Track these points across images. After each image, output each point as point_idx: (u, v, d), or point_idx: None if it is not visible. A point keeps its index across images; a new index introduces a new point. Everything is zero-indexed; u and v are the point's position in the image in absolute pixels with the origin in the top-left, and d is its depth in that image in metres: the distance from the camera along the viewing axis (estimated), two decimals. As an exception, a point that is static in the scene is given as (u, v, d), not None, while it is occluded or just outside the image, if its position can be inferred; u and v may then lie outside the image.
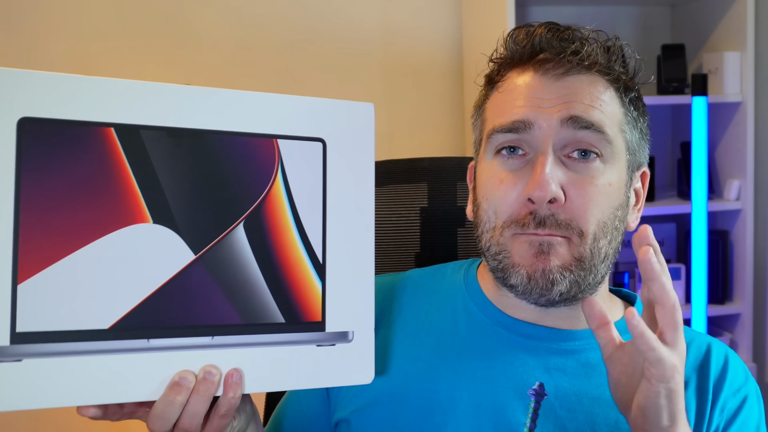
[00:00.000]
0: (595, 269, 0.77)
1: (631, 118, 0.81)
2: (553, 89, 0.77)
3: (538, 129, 0.77)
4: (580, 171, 0.76)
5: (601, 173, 0.77)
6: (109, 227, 0.66)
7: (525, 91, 0.79)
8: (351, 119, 0.75)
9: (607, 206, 0.77)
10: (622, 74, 0.80)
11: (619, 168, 0.79)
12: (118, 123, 0.66)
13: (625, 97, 0.81)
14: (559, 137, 0.76)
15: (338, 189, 0.74)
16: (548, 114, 0.76)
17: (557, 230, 0.75)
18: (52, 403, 0.64)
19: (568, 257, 0.76)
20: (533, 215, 0.75)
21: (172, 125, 0.68)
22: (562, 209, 0.75)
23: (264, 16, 2.21)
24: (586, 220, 0.76)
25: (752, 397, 0.83)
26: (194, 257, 0.68)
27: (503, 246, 0.78)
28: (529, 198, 0.75)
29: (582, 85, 0.78)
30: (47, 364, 0.64)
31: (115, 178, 0.66)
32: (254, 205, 0.71)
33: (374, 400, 0.81)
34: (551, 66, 0.78)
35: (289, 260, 0.72)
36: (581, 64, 0.78)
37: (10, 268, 0.63)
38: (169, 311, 0.67)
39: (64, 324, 0.64)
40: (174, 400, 0.66)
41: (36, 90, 0.64)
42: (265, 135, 0.72)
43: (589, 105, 0.77)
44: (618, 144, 0.79)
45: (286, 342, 0.72)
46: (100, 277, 0.65)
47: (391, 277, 0.92)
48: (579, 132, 0.76)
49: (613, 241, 0.78)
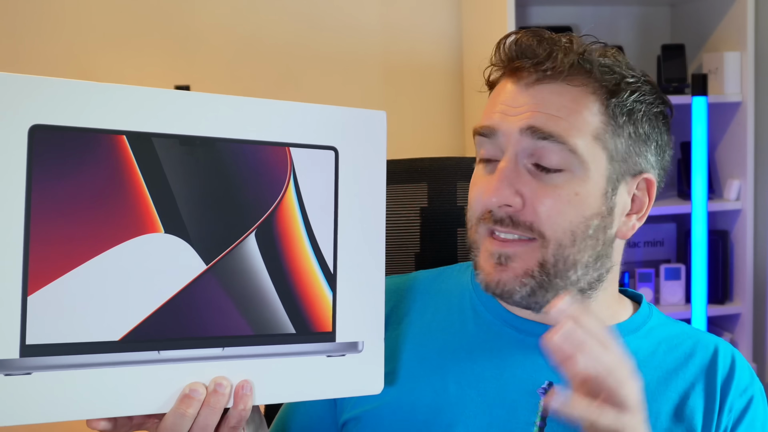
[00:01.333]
0: (566, 276, 0.77)
1: (615, 126, 0.78)
2: (522, 97, 0.78)
3: (501, 135, 0.78)
4: (545, 180, 0.76)
5: (566, 183, 0.76)
6: (120, 237, 0.65)
7: (500, 98, 0.80)
8: (363, 127, 0.75)
9: (575, 215, 0.76)
10: (606, 81, 0.78)
11: (594, 178, 0.77)
12: (130, 131, 0.65)
13: (609, 103, 0.78)
14: (521, 146, 0.77)
15: (350, 198, 0.74)
16: (510, 122, 0.77)
17: (516, 230, 0.76)
18: (61, 417, 0.63)
19: (530, 263, 0.76)
20: (491, 213, 0.77)
21: (184, 133, 0.67)
22: (520, 213, 0.76)
23: (264, 16, 2.21)
24: (549, 225, 0.76)
25: (758, 397, 0.83)
26: (205, 267, 0.68)
27: (476, 243, 0.80)
28: (484, 201, 0.77)
29: (550, 94, 0.77)
30: (57, 377, 0.63)
31: (127, 187, 0.65)
32: (266, 214, 0.70)
33: (383, 401, 0.80)
34: (524, 74, 0.78)
35: (300, 270, 0.71)
36: (552, 73, 0.77)
37: (20, 279, 0.61)
38: (179, 322, 0.66)
39: (74, 336, 0.63)
40: (185, 412, 0.66)
41: (47, 96, 0.63)
42: (277, 143, 0.71)
43: (554, 115, 0.76)
44: (590, 153, 0.76)
45: (296, 353, 0.71)
46: (111, 287, 0.64)
47: (398, 278, 0.92)
48: (539, 142, 0.76)
49: (588, 249, 0.77)
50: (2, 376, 0.61)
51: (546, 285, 0.77)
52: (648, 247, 2.34)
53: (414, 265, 1.08)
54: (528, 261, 0.76)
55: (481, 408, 0.78)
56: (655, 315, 0.87)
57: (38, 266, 0.62)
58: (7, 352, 0.61)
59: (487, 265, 0.78)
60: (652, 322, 0.85)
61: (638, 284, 2.19)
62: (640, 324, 0.84)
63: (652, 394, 0.79)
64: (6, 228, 0.61)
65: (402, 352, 0.84)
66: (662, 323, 0.86)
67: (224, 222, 0.68)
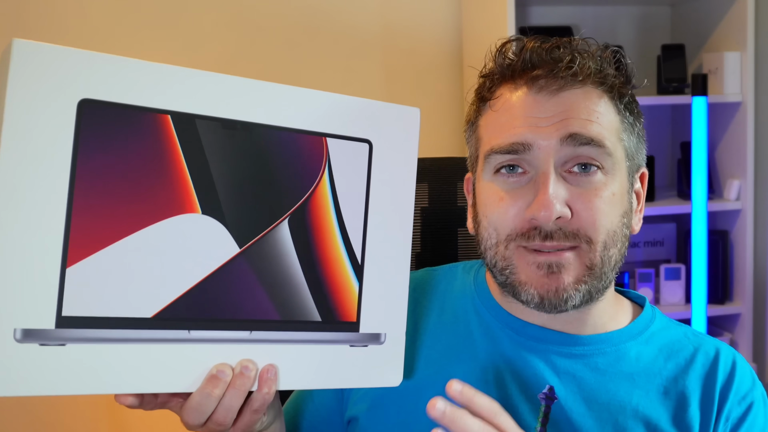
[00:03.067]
0: (605, 276, 0.77)
1: (628, 124, 0.80)
2: (549, 106, 0.76)
3: (537, 149, 0.76)
4: (583, 185, 0.76)
5: (604, 185, 0.76)
6: (159, 215, 0.65)
7: (521, 110, 0.77)
8: (398, 122, 0.76)
9: (614, 215, 0.77)
10: (615, 82, 0.79)
11: (621, 176, 0.78)
12: (175, 111, 0.66)
13: (620, 104, 0.80)
14: (559, 155, 0.76)
15: (381, 191, 0.75)
16: (547, 133, 0.76)
17: (565, 240, 0.75)
18: (92, 390, 0.64)
19: (579, 269, 0.76)
20: (538, 230, 0.75)
21: (226, 117, 0.68)
22: (568, 223, 0.75)
23: (264, 16, 2.21)
24: (595, 229, 0.75)
25: (759, 403, 0.82)
26: (239, 250, 0.68)
27: (509, 260, 0.77)
28: (533, 218, 0.75)
29: (577, 99, 0.77)
30: (90, 350, 0.63)
31: (169, 167, 0.66)
32: (300, 202, 0.71)
33: (386, 400, 0.81)
34: (545, 82, 0.77)
35: (329, 259, 0.72)
36: (575, 79, 0.77)
37: (60, 251, 0.62)
38: (210, 303, 0.67)
39: (108, 310, 0.64)
40: (211, 393, 0.66)
41: (98, 72, 0.63)
42: (315, 133, 0.71)
43: (587, 119, 0.76)
44: (618, 154, 0.78)
45: (320, 341, 0.72)
46: (147, 265, 0.65)
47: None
48: (579, 148, 0.75)
49: (623, 247, 0.79)
50: (38, 345, 0.61)
51: (593, 288, 0.77)
52: (648, 247, 2.34)
53: (415, 265, 1.08)
54: (578, 267, 0.76)
55: None
56: (658, 319, 0.86)
57: (78, 239, 0.62)
58: (43, 322, 0.61)
59: (537, 277, 0.76)
60: (653, 327, 0.85)
61: (638, 284, 2.19)
62: (642, 329, 0.84)
63: (652, 403, 0.79)
64: (50, 199, 0.61)
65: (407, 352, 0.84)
66: (664, 327, 0.86)
67: (259, 207, 0.69)
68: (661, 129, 2.45)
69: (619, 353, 0.81)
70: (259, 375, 0.68)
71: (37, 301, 0.61)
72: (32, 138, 0.61)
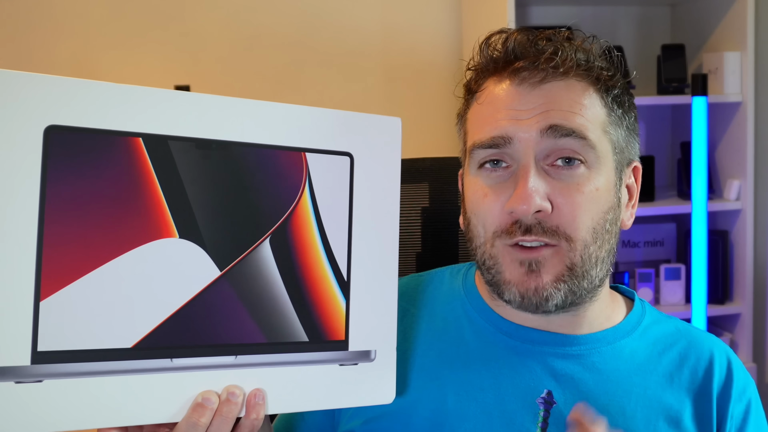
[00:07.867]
0: (588, 275, 0.76)
1: (616, 117, 0.79)
2: (531, 98, 0.75)
3: (518, 142, 0.75)
4: (565, 179, 0.75)
5: (586, 179, 0.75)
6: (135, 242, 0.63)
7: (502, 102, 0.77)
8: (379, 134, 0.74)
9: (596, 211, 0.76)
10: (602, 74, 0.78)
11: (606, 171, 0.77)
12: (147, 133, 0.64)
13: (607, 97, 0.78)
14: (540, 147, 0.75)
15: (364, 205, 0.73)
16: (527, 125, 0.75)
17: (544, 236, 0.74)
18: (72, 426, 0.62)
19: (559, 267, 0.75)
20: (518, 224, 0.74)
21: (200, 136, 0.66)
22: (548, 218, 0.74)
23: (264, 16, 2.21)
24: (575, 226, 0.74)
25: (754, 397, 0.83)
26: (219, 273, 0.66)
27: (495, 258, 0.77)
28: (511, 211, 0.74)
29: (560, 91, 0.76)
30: (68, 385, 0.61)
31: (143, 191, 0.64)
32: (281, 220, 0.69)
33: (382, 413, 0.79)
34: (527, 74, 0.76)
35: (313, 277, 0.70)
36: (557, 71, 0.76)
37: (32, 284, 0.60)
38: (193, 329, 0.65)
39: (86, 343, 0.62)
40: (197, 422, 0.64)
41: (63, 97, 0.61)
42: (293, 148, 0.69)
43: (569, 111, 0.75)
44: (603, 147, 0.77)
45: (309, 361, 0.70)
46: (125, 293, 0.63)
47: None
48: (560, 140, 0.74)
49: (606, 244, 0.77)
50: (13, 383, 0.60)
51: (575, 287, 0.76)
52: (648, 247, 2.34)
53: (415, 265, 1.08)
54: (557, 265, 0.75)
55: (480, 420, 0.77)
56: (648, 312, 0.86)
57: (51, 271, 0.60)
58: (18, 359, 0.60)
59: (518, 275, 0.75)
60: (645, 321, 0.85)
61: (638, 284, 2.19)
62: (635, 324, 0.84)
63: (649, 400, 0.79)
64: (19, 231, 0.60)
65: (399, 362, 0.82)
66: (655, 321, 0.85)
67: (239, 227, 0.67)
68: (661, 129, 2.45)
69: (614, 351, 0.81)
70: (246, 400, 0.67)
71: (11, 337, 0.59)
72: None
